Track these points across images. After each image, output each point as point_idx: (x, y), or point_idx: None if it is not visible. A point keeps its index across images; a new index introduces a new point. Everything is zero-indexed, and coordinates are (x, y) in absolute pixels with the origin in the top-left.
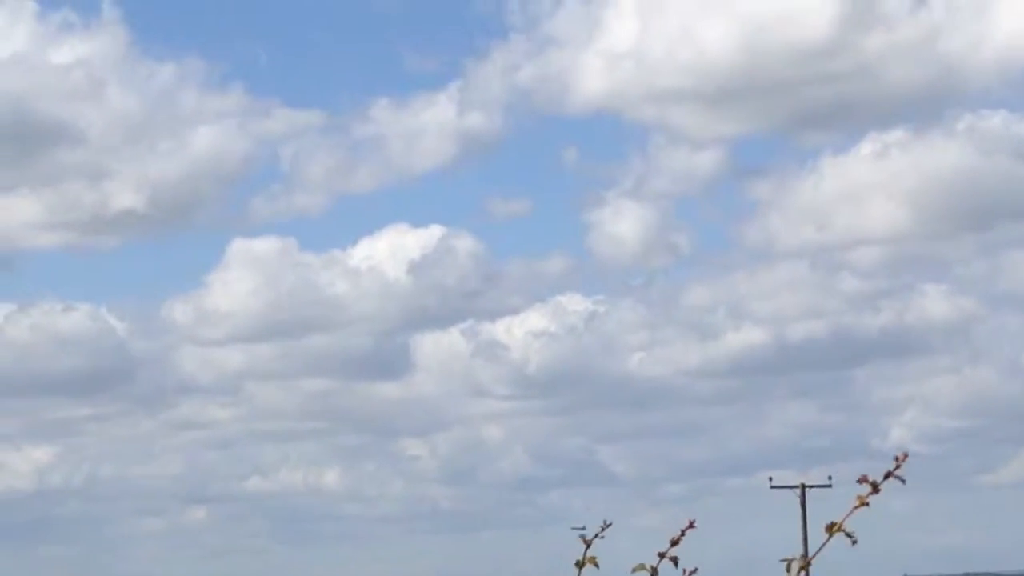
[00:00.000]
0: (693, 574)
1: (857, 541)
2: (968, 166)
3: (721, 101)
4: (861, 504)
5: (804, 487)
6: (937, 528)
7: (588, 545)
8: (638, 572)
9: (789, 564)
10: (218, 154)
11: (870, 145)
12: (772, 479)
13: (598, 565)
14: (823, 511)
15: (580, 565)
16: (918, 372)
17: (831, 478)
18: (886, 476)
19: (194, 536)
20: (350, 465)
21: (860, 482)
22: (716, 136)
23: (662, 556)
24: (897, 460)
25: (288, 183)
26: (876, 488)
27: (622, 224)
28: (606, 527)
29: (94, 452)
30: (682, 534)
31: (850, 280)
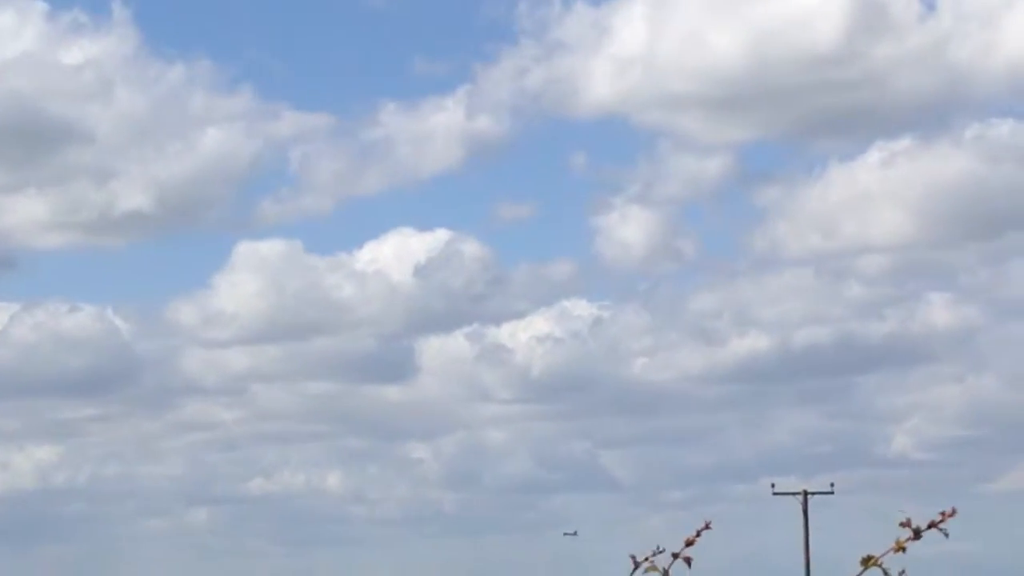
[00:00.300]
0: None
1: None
2: (976, 175)
3: (729, 107)
4: (899, 549)
5: (807, 494)
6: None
7: (636, 567)
8: (650, 573)
9: None
10: (226, 156)
11: (877, 153)
12: (774, 485)
13: None
14: (825, 518)
15: None
16: (922, 380)
17: (833, 485)
18: (929, 526)
19: (196, 537)
20: (353, 468)
21: (903, 526)
22: (724, 142)
23: (675, 556)
24: (944, 515)
25: (295, 186)
26: (918, 535)
27: (629, 229)
28: (658, 552)
29: (97, 452)
30: (698, 534)
31: (856, 287)
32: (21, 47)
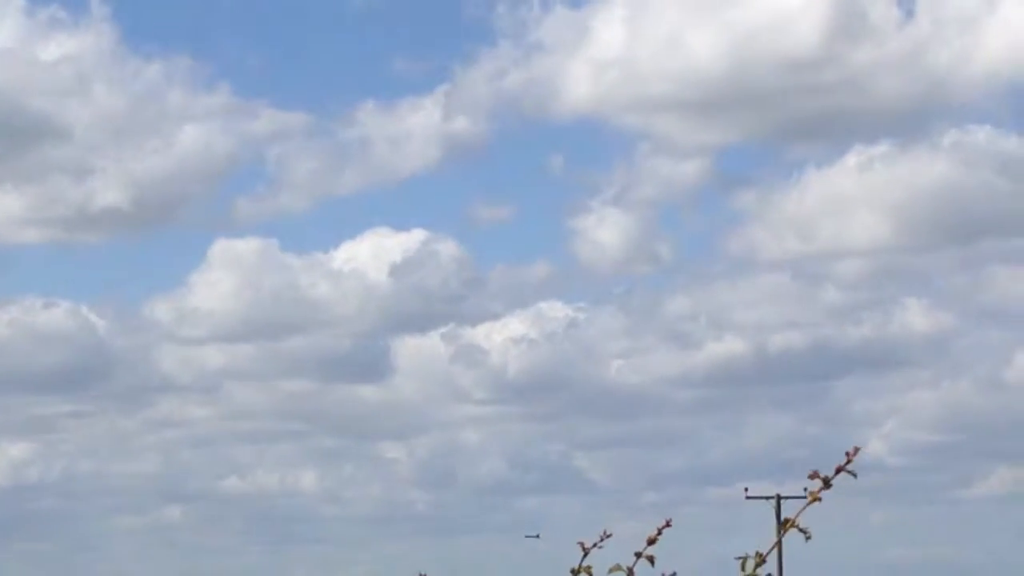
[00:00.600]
0: None
1: (811, 537)
2: (953, 181)
3: (707, 110)
4: (813, 500)
5: (780, 498)
6: (914, 540)
7: (586, 553)
8: (614, 573)
9: (744, 561)
10: (203, 153)
11: (855, 157)
12: (747, 490)
13: (592, 575)
14: (798, 523)
15: (576, 573)
16: (898, 385)
17: (807, 489)
18: (837, 471)
19: (170, 535)
20: (328, 467)
21: (811, 478)
22: (701, 145)
23: (639, 555)
24: (848, 455)
25: (272, 184)
26: (827, 483)
27: (605, 232)
28: (605, 537)
29: (71, 449)
30: (659, 532)
31: (832, 292)
32: None
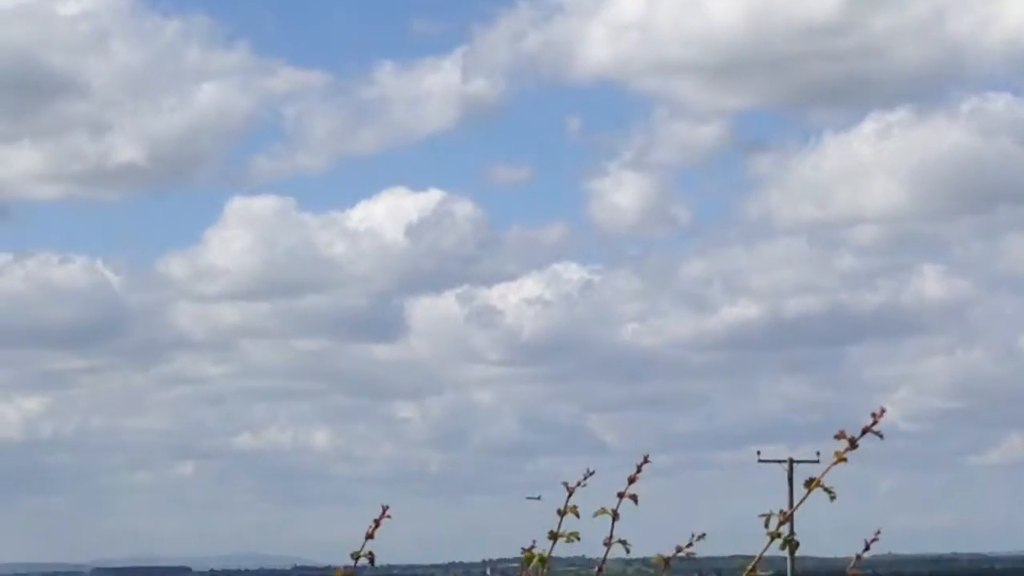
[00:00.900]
0: (701, 538)
1: (835, 497)
2: (970, 148)
3: (725, 75)
4: (839, 459)
5: (792, 462)
6: (925, 507)
7: (571, 493)
8: (599, 515)
9: (768, 519)
10: (221, 111)
11: (873, 124)
12: (760, 453)
13: (578, 515)
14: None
15: (562, 513)
16: (912, 352)
17: (819, 453)
18: (863, 431)
19: (182, 490)
20: (341, 425)
21: (838, 438)
22: (719, 109)
23: (621, 496)
24: (874, 416)
25: (289, 143)
26: (854, 444)
27: (622, 194)
28: (589, 475)
29: (85, 404)
30: (638, 469)
31: (848, 258)
32: None
